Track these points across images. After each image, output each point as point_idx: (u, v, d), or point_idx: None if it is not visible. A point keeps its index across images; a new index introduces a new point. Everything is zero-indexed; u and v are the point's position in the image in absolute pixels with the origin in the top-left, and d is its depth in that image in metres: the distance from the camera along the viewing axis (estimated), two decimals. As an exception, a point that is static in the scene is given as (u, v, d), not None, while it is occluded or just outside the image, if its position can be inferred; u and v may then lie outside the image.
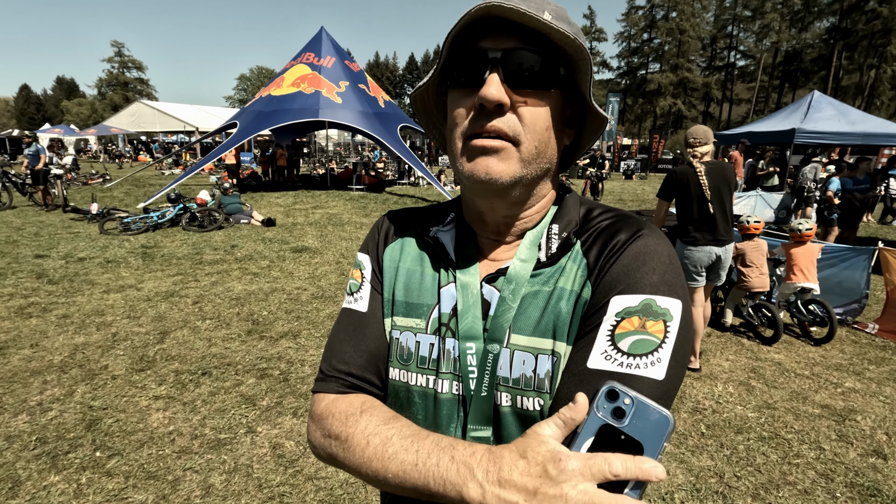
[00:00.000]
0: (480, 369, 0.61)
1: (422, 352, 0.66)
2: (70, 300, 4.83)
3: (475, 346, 0.62)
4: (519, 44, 0.57)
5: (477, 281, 0.66)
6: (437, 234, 0.72)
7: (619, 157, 25.68)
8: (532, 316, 0.61)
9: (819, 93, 11.57)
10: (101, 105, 60.59)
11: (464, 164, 0.60)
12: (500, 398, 0.61)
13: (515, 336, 0.61)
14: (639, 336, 0.53)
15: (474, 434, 0.62)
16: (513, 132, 0.57)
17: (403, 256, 0.73)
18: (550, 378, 0.59)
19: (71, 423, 2.80)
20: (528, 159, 0.59)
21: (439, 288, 0.68)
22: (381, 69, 72.09)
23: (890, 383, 3.52)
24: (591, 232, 0.64)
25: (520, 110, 0.58)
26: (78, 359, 3.60)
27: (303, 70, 13.27)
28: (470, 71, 0.59)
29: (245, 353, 3.73)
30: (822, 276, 4.63)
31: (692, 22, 51.48)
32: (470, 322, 0.63)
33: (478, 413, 0.61)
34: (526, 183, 0.61)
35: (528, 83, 0.58)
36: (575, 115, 0.67)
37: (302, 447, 2.63)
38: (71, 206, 9.88)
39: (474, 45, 0.59)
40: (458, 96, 0.61)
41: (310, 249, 7.17)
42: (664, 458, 2.61)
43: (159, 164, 20.42)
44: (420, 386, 0.66)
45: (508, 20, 0.56)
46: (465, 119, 0.60)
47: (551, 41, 0.57)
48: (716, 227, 3.39)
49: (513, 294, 0.62)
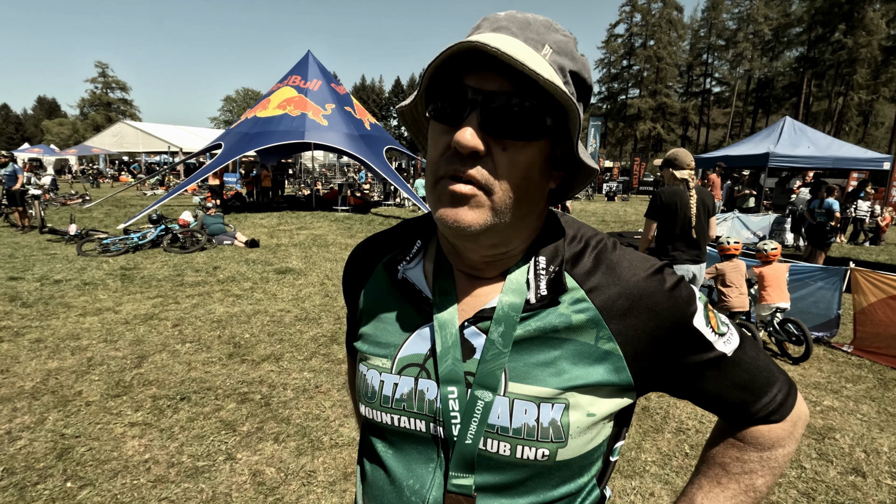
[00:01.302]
0: (466, 416, 0.58)
1: (385, 391, 0.64)
2: (44, 324, 4.70)
3: (457, 391, 0.60)
4: (504, 86, 0.52)
5: (456, 320, 0.62)
6: (405, 273, 0.67)
7: (602, 179, 26.19)
8: (533, 364, 0.58)
9: (790, 118, 12.04)
10: (83, 125, 59.96)
11: (434, 204, 0.57)
12: (497, 447, 0.58)
13: (514, 384, 0.58)
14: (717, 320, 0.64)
15: (456, 481, 0.59)
16: (485, 181, 0.53)
17: (374, 295, 0.71)
18: (558, 426, 0.57)
19: (41, 453, 2.70)
20: (501, 209, 0.55)
21: (413, 328, 0.65)
22: (367, 92, 72.92)
23: (867, 401, 3.59)
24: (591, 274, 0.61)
25: (497, 158, 0.54)
26: (50, 385, 3.48)
27: (289, 93, 13.37)
28: (449, 107, 0.54)
29: (226, 377, 3.66)
30: (797, 296, 4.75)
31: (669, 50, 53.46)
32: (450, 365, 0.60)
33: (460, 460, 0.59)
34: (500, 230, 0.57)
35: (509, 133, 0.53)
36: (564, 156, 0.61)
37: (283, 474, 2.57)
38: (48, 227, 9.67)
39: (459, 78, 0.54)
40: (437, 129, 0.57)
41: (294, 271, 7.11)
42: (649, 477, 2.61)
43: (140, 185, 20.18)
44: (386, 423, 0.65)
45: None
46: (439, 155, 0.56)
47: (541, 86, 0.52)
48: (695, 247, 3.56)
49: (503, 338, 0.59)
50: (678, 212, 3.52)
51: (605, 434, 0.63)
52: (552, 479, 0.60)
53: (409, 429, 0.63)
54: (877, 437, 3.11)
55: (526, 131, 0.54)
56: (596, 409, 0.59)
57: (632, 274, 0.61)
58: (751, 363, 0.64)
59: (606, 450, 0.65)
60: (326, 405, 3.27)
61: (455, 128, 0.54)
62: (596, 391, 0.59)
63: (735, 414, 0.65)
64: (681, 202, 3.52)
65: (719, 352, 0.62)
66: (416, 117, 0.65)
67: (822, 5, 41.62)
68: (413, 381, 0.63)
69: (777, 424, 0.65)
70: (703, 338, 0.61)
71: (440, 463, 0.61)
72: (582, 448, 0.59)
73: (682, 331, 0.60)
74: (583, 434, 0.59)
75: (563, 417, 0.57)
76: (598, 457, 0.64)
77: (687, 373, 0.62)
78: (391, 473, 0.65)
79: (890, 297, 4.35)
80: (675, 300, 0.60)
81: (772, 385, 0.64)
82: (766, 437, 0.65)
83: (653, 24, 53.75)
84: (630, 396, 0.63)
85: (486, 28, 0.57)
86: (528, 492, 0.60)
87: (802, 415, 0.67)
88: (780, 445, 0.65)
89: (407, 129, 0.66)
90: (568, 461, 0.59)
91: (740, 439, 0.66)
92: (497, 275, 0.64)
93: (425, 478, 0.62)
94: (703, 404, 0.66)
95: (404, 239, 0.71)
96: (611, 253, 0.63)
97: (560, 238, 0.64)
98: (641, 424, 3.15)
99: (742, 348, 0.63)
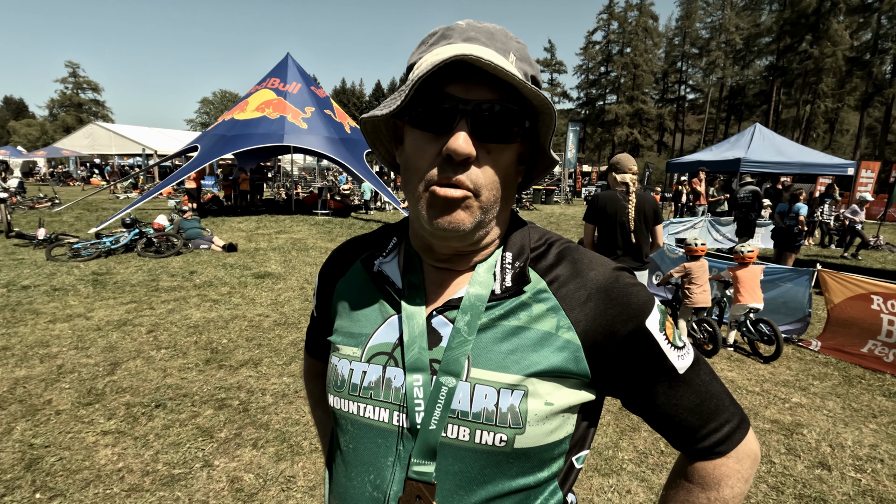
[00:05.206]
0: (430, 402, 0.60)
1: (354, 379, 0.67)
2: (11, 331, 4.55)
3: (422, 379, 0.62)
4: (489, 94, 0.56)
5: (423, 311, 0.65)
6: (380, 266, 0.71)
7: (581, 183, 26.61)
8: (496, 350, 0.61)
9: (760, 125, 12.45)
10: (52, 126, 58.09)
11: (425, 211, 0.59)
12: (457, 432, 0.60)
13: (476, 370, 0.61)
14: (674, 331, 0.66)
15: (417, 468, 0.60)
16: (474, 184, 0.58)
17: (349, 288, 0.74)
18: (516, 412, 0.59)
19: (8, 463, 2.61)
20: (487, 207, 0.60)
21: (384, 318, 0.68)
22: (347, 95, 72.62)
23: (832, 398, 3.72)
24: (553, 268, 0.65)
25: (482, 161, 0.58)
26: (18, 393, 3.37)
27: (268, 95, 13.23)
28: (436, 117, 0.57)
29: (203, 384, 3.60)
30: (768, 296, 4.91)
31: (645, 57, 54.66)
32: (416, 354, 0.63)
33: (423, 447, 0.60)
34: (485, 225, 0.62)
35: (494, 137, 0.58)
36: (526, 153, 0.66)
37: (262, 480, 2.54)
38: (15, 232, 9.34)
39: (441, 88, 0.56)
40: (420, 138, 0.59)
41: (273, 275, 7.03)
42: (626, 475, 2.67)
43: (113, 188, 19.68)
44: (352, 413, 0.66)
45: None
46: (427, 164, 0.58)
47: (518, 92, 0.56)
48: (635, 253, 3.58)
49: (468, 326, 0.62)
50: (613, 216, 3.52)
51: (566, 431, 0.63)
52: (510, 468, 0.61)
53: (372, 419, 0.64)
54: (841, 431, 3.23)
55: (508, 135, 0.59)
56: (554, 400, 0.61)
57: (591, 269, 0.65)
58: (702, 387, 0.65)
59: (569, 450, 0.65)
60: (306, 410, 3.24)
61: (443, 136, 0.57)
62: (555, 380, 0.61)
63: (681, 438, 0.65)
64: (617, 206, 3.52)
65: (672, 365, 0.63)
66: (376, 124, 0.66)
67: (790, 16, 43.11)
68: (381, 368, 0.65)
69: (722, 459, 0.64)
70: (656, 343, 0.63)
71: (399, 456, 0.62)
72: (540, 438, 0.60)
73: (636, 331, 0.62)
74: (541, 423, 0.60)
75: (522, 404, 0.59)
76: (560, 455, 0.64)
77: (639, 380, 0.64)
78: (352, 468, 0.67)
79: (854, 297, 4.53)
80: (631, 297, 0.63)
81: (720, 413, 0.65)
82: (710, 474, 0.64)
83: (629, 32, 54.91)
84: (589, 391, 0.64)
85: (458, 38, 0.59)
86: (486, 481, 0.60)
87: (752, 452, 0.65)
88: (728, 486, 0.63)
89: (365, 136, 0.68)
90: (526, 450, 0.60)
91: (688, 479, 0.66)
92: (466, 268, 0.67)
93: (385, 472, 0.63)
94: (653, 422, 0.66)
95: (383, 239, 0.76)
96: (573, 252, 0.68)
97: (527, 238, 0.69)
98: (619, 423, 3.22)
99: (695, 369, 0.65)
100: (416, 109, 0.58)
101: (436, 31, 0.63)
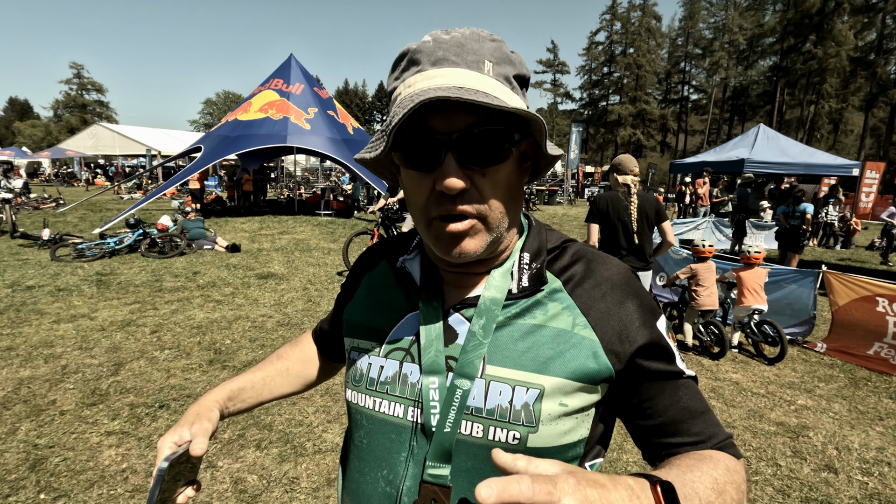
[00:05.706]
0: (445, 405, 0.60)
1: (372, 373, 0.68)
2: (16, 331, 4.56)
3: (438, 381, 0.62)
4: (471, 118, 0.54)
5: (440, 314, 0.66)
6: (404, 263, 0.72)
7: (584, 184, 26.57)
8: (512, 348, 0.61)
9: (764, 126, 12.39)
10: (57, 127, 58.36)
11: (433, 243, 0.60)
12: (470, 428, 0.60)
13: (491, 367, 0.61)
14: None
15: (433, 471, 0.60)
16: (477, 210, 0.57)
17: (373, 282, 0.77)
18: (530, 411, 0.59)
19: (13, 464, 2.61)
20: (495, 225, 0.60)
21: (402, 314, 0.69)
22: (350, 96, 72.67)
23: (838, 400, 3.70)
24: (568, 268, 0.66)
25: (480, 185, 0.57)
26: (23, 394, 3.38)
27: (271, 96, 13.26)
28: (422, 154, 0.56)
29: (206, 384, 3.60)
30: (773, 297, 4.88)
31: (648, 58, 54.50)
32: (433, 356, 0.63)
33: (438, 450, 0.60)
34: (497, 241, 0.62)
35: (485, 161, 0.56)
36: (529, 149, 0.64)
37: (265, 481, 2.54)
38: (20, 232, 9.38)
39: (423, 123, 0.55)
40: (413, 176, 0.59)
41: (276, 276, 7.03)
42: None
43: (117, 188, 19.75)
44: (367, 408, 0.67)
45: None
46: (425, 199, 0.58)
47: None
48: (638, 254, 3.58)
49: (483, 330, 0.62)
50: (615, 217, 3.53)
51: (581, 434, 0.62)
52: None
53: (387, 414, 0.65)
54: (848, 434, 3.21)
55: (498, 154, 0.57)
56: (569, 401, 0.60)
57: (606, 269, 0.67)
58: (702, 398, 0.65)
59: (583, 455, 0.64)
60: (309, 411, 3.24)
61: (432, 171, 0.56)
62: (572, 379, 0.60)
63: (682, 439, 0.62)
64: (618, 207, 3.53)
65: (679, 367, 0.64)
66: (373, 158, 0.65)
67: (793, 16, 42.95)
68: (398, 364, 0.66)
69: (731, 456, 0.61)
70: (668, 346, 0.64)
71: (413, 452, 0.62)
72: (554, 439, 0.59)
73: (650, 331, 0.63)
74: (554, 423, 0.59)
75: (536, 403, 0.59)
76: (574, 458, 0.63)
77: (650, 379, 0.62)
78: (365, 464, 0.67)
79: (860, 299, 4.50)
80: (645, 298, 0.66)
81: (719, 425, 0.63)
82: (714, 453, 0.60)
83: (632, 33, 54.76)
84: (605, 390, 0.63)
85: (426, 63, 0.56)
86: None
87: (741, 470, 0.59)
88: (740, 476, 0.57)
89: (364, 167, 0.69)
90: (539, 450, 0.59)
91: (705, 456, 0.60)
92: (483, 270, 0.67)
93: (398, 467, 0.63)
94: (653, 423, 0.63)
95: (410, 238, 0.79)
96: (588, 253, 0.69)
97: (544, 241, 0.70)
98: (623, 426, 3.19)
99: (694, 382, 0.66)
100: (402, 148, 0.58)
101: (404, 54, 0.59)
